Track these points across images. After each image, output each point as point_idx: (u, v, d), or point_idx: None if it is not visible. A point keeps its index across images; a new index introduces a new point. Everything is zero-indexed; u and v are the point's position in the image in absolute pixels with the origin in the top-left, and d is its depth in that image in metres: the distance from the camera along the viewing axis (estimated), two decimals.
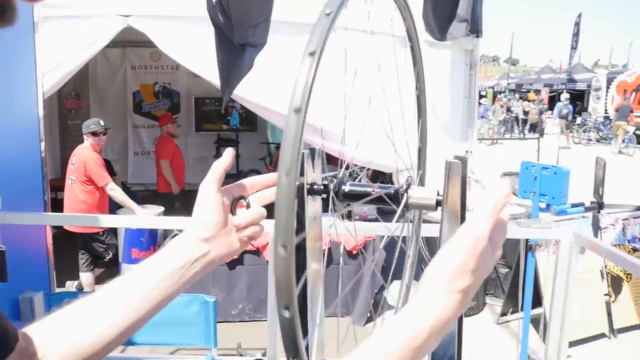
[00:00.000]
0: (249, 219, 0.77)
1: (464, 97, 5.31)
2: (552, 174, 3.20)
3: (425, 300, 0.54)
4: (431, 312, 0.53)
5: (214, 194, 0.74)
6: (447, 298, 0.53)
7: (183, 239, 0.73)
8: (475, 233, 0.54)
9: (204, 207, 0.74)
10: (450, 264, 0.54)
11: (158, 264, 0.72)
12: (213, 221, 0.73)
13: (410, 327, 0.52)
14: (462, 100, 5.31)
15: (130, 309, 0.69)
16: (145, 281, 0.70)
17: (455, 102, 5.28)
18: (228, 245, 0.76)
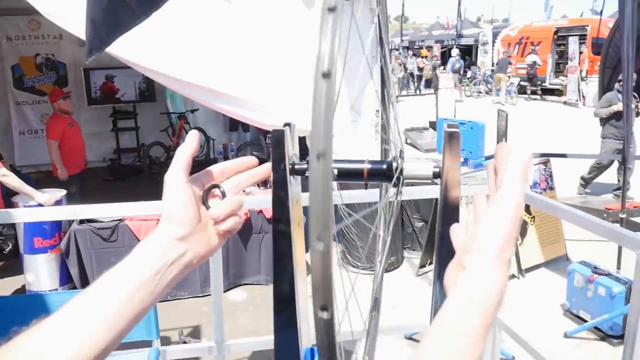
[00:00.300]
0: (228, 209, 0.68)
1: (371, 56, 5.30)
2: (469, 129, 3.29)
3: (485, 274, 0.51)
4: (494, 286, 0.51)
5: (184, 185, 0.64)
6: (502, 269, 0.51)
7: (155, 241, 0.62)
8: (515, 200, 0.52)
9: (174, 201, 0.63)
10: (500, 235, 0.52)
11: (128, 273, 0.60)
12: (187, 217, 0.63)
13: (480, 304, 0.50)
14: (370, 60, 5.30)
15: (98, 335, 0.56)
16: (115, 296, 0.58)
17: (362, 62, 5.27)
18: (206, 242, 0.66)
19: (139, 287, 0.59)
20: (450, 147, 0.77)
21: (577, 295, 4.08)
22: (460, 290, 0.51)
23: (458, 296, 0.51)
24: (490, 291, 0.51)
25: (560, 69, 20.75)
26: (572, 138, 11.61)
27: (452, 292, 0.53)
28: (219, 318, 1.90)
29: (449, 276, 0.57)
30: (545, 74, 20.58)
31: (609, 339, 3.82)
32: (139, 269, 0.60)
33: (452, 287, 0.54)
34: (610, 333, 3.83)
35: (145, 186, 7.62)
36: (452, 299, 0.52)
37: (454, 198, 0.80)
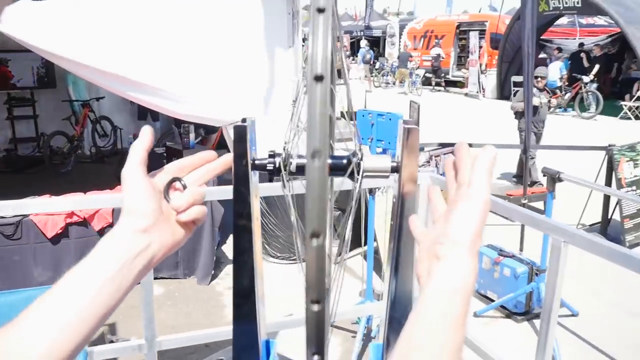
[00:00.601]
0: (189, 199, 0.67)
1: (288, 46, 5.30)
2: (387, 119, 3.38)
3: (462, 264, 0.55)
4: (470, 275, 0.55)
5: (142, 178, 0.63)
6: (474, 259, 0.55)
7: (118, 234, 0.61)
8: (484, 198, 0.57)
9: (134, 194, 0.62)
10: (471, 229, 0.56)
11: (93, 269, 0.58)
12: (148, 209, 0.62)
13: (461, 291, 0.54)
14: (286, 50, 5.30)
15: (65, 336, 0.54)
16: (80, 294, 0.56)
17: (279, 52, 5.26)
18: (171, 233, 0.65)
19: (104, 283, 0.57)
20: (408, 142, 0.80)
21: (484, 276, 4.33)
22: (441, 279, 0.55)
23: (440, 284, 0.54)
24: (468, 280, 0.54)
25: (462, 62, 21.79)
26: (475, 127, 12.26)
27: (430, 281, 0.56)
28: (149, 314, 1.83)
29: (422, 266, 0.60)
30: (448, 66, 21.52)
31: (514, 316, 4.10)
32: (104, 264, 0.58)
33: (428, 276, 0.57)
34: (515, 310, 4.11)
35: (46, 178, 7.18)
36: (434, 287, 0.55)
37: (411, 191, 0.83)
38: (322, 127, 0.47)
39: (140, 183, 0.63)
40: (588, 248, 1.67)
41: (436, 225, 0.64)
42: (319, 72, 0.46)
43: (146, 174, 0.64)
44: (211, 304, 4.25)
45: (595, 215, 5.70)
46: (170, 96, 4.38)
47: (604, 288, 4.51)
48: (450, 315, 0.52)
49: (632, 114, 13.81)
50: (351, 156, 0.81)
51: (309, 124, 0.47)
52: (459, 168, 0.62)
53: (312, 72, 0.46)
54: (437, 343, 0.51)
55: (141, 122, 8.91)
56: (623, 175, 5.62)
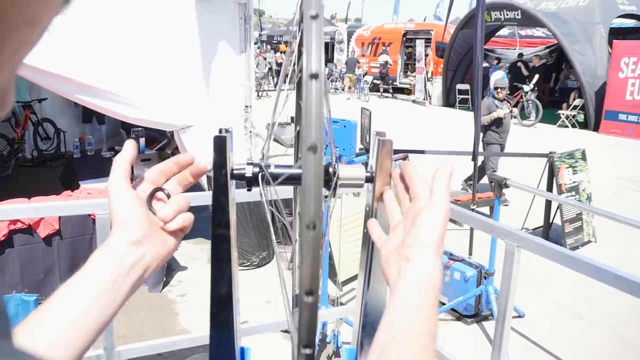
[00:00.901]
0: (175, 207, 0.68)
1: (240, 51, 5.28)
2: (342, 126, 3.42)
3: (431, 264, 0.60)
4: (438, 274, 0.61)
5: (127, 190, 0.64)
6: (440, 260, 0.62)
7: (110, 248, 0.61)
8: (447, 207, 0.63)
9: (122, 207, 0.63)
10: (437, 234, 0.62)
11: (86, 283, 0.58)
12: (138, 220, 0.63)
13: (432, 287, 0.59)
14: (238, 55, 5.28)
15: (60, 347, 0.54)
16: (75, 308, 0.56)
17: (232, 57, 5.23)
18: (163, 243, 0.66)
19: (99, 296, 0.58)
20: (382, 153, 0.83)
21: None
22: (413, 276, 0.60)
23: (412, 281, 0.60)
24: (437, 276, 0.60)
25: (409, 70, 22.24)
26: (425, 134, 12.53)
27: (402, 279, 0.61)
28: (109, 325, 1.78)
29: (391, 268, 0.65)
30: (396, 73, 21.91)
31: (464, 318, 4.22)
32: (98, 277, 0.59)
33: (398, 276, 0.62)
34: (465, 313, 4.23)
35: None
36: (407, 284, 0.60)
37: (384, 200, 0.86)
38: (318, 122, 0.50)
39: (127, 195, 0.63)
40: (539, 252, 1.75)
41: (396, 230, 0.69)
42: (314, 71, 0.50)
43: (130, 186, 0.65)
44: (163, 312, 4.17)
45: (537, 219, 5.94)
46: (121, 100, 4.28)
47: (548, 290, 4.70)
48: (424, 307, 0.57)
49: (569, 122, 14.46)
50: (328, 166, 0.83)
51: (305, 120, 0.50)
52: (411, 183, 0.70)
53: (307, 71, 0.50)
54: (415, 329, 0.56)
55: (86, 125, 8.64)
56: (563, 181, 5.88)
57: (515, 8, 15.72)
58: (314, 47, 0.51)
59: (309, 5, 0.52)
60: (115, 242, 0.62)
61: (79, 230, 4.21)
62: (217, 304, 0.91)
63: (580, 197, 6.06)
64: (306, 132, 0.50)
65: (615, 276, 1.52)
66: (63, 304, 0.56)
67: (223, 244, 0.90)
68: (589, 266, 1.54)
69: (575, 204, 5.63)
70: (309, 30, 0.52)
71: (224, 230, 0.89)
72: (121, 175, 0.65)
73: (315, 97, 0.50)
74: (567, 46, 13.99)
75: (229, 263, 0.91)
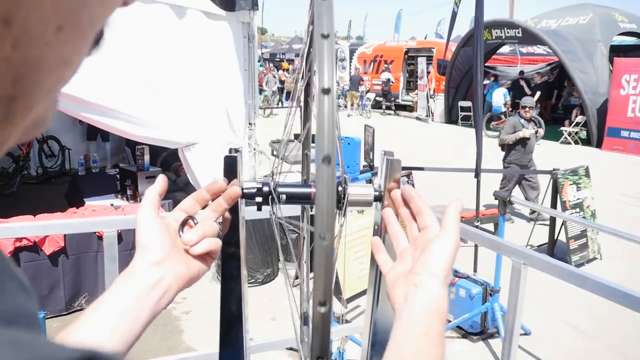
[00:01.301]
0: (200, 232, 0.71)
1: (243, 69, 5.33)
2: (346, 144, 3.44)
3: (439, 291, 0.63)
4: (445, 301, 0.63)
5: (153, 217, 0.69)
6: (446, 289, 0.64)
7: (132, 269, 0.65)
8: (456, 239, 0.67)
9: (145, 233, 0.67)
10: (446, 264, 0.64)
11: (110, 303, 0.62)
12: (158, 242, 0.67)
13: (439, 313, 0.61)
14: (242, 73, 5.32)
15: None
16: (100, 327, 0.59)
17: (235, 75, 5.28)
18: (185, 265, 0.69)
19: (122, 315, 0.61)
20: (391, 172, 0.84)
21: None
22: (421, 303, 0.62)
23: (420, 307, 0.62)
24: (443, 304, 0.62)
25: (411, 87, 22.34)
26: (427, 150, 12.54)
27: (409, 305, 0.63)
28: None
29: (397, 293, 0.67)
30: (398, 90, 22.02)
31: (470, 336, 4.20)
32: (120, 299, 0.62)
33: (404, 301, 0.64)
34: (471, 330, 4.21)
35: None
36: (416, 309, 0.62)
37: None
38: (331, 135, 0.52)
39: (151, 222, 0.68)
40: (546, 269, 1.75)
41: (404, 257, 0.71)
42: (326, 86, 0.52)
43: (157, 214, 0.70)
44: (168, 329, 4.15)
45: (542, 236, 5.93)
46: (126, 117, 4.32)
47: (553, 307, 4.68)
48: (432, 333, 0.59)
49: (571, 139, 14.49)
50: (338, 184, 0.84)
51: (319, 132, 0.52)
52: (420, 212, 0.72)
53: (321, 86, 0.52)
54: (426, 356, 0.58)
55: (90, 142, 8.69)
56: (567, 198, 5.88)
57: (516, 26, 15.84)
58: (326, 64, 0.53)
59: (323, 24, 0.54)
60: (137, 263, 0.65)
61: (84, 247, 4.22)
62: (227, 323, 0.92)
63: (584, 214, 6.05)
64: (319, 145, 0.52)
65: (622, 294, 1.52)
66: (88, 325, 0.59)
67: (233, 262, 0.91)
68: (596, 284, 1.54)
69: (580, 220, 5.62)
70: (320, 49, 0.54)
71: (234, 249, 0.90)
72: (149, 205, 0.69)
73: (327, 111, 0.53)
74: (569, 64, 14.06)
75: (239, 281, 0.92)
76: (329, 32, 0.55)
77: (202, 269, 0.71)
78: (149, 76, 4.39)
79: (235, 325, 0.92)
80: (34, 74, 0.26)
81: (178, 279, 0.67)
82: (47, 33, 0.26)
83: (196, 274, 0.70)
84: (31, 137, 0.31)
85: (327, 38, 0.55)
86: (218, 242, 0.73)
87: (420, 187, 6.65)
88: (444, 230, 0.67)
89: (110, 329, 0.59)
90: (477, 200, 4.78)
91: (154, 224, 0.68)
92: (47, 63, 0.27)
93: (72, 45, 0.28)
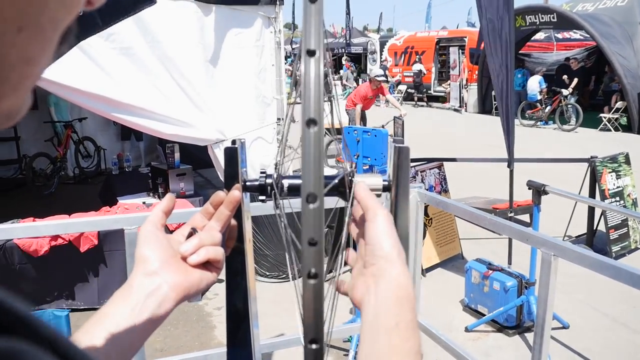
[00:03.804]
0: (196, 241, 0.70)
1: (271, 65, 5.32)
2: (373, 136, 3.39)
3: (399, 276, 0.59)
4: (408, 284, 0.59)
5: (153, 232, 0.70)
6: (405, 268, 0.60)
7: (130, 281, 0.66)
8: (383, 213, 0.64)
9: (144, 246, 0.68)
10: (390, 241, 0.61)
11: (108, 315, 0.63)
12: (156, 255, 0.67)
13: (407, 300, 0.57)
14: (269, 68, 5.32)
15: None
16: (98, 337, 0.60)
17: (263, 71, 5.27)
18: (182, 274, 0.68)
19: (117, 326, 0.61)
20: (399, 161, 0.80)
21: (474, 290, 4.33)
22: (384, 294, 0.58)
23: (385, 299, 0.58)
24: (409, 288, 0.59)
25: (443, 77, 22.02)
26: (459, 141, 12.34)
27: (373, 297, 0.59)
28: None
29: (359, 289, 0.63)
30: (430, 81, 21.74)
31: (505, 330, 4.10)
32: (116, 309, 0.63)
33: (368, 295, 0.60)
34: (506, 324, 4.11)
35: (29, 200, 7.08)
36: (381, 302, 0.58)
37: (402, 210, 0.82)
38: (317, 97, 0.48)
39: (151, 237, 0.69)
40: (577, 261, 1.67)
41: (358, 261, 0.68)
42: (312, 47, 0.48)
43: (159, 229, 0.70)
44: (200, 325, 4.19)
45: (581, 226, 5.75)
46: (155, 116, 4.36)
47: (592, 299, 4.53)
48: (402, 325, 0.55)
49: (611, 125, 14.04)
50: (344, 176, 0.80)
51: (304, 94, 0.48)
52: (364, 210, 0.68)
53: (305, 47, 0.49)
54: (397, 352, 0.54)
55: (125, 142, 8.85)
56: (606, 187, 5.69)
57: (551, 11, 15.40)
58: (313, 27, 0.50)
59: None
60: (134, 274, 0.66)
61: (116, 245, 4.29)
62: (234, 320, 0.89)
63: (625, 203, 5.84)
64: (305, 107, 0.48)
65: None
66: (86, 334, 0.60)
67: (237, 257, 0.88)
68: (630, 274, 1.47)
69: (620, 209, 5.43)
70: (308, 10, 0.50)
71: (237, 243, 0.87)
72: (151, 221, 0.70)
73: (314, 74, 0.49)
74: (607, 48, 13.61)
75: (244, 276, 0.89)
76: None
77: (204, 279, 0.71)
78: (176, 74, 4.43)
79: (243, 323, 0.90)
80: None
81: (175, 288, 0.66)
82: (7, 33, 0.28)
83: (196, 284, 0.70)
84: (3, 127, 0.32)
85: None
86: (218, 251, 0.72)
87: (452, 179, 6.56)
88: (369, 212, 0.64)
89: (105, 341, 0.59)
90: (511, 190, 4.67)
91: (154, 238, 0.68)
92: (9, 61, 0.29)
93: (33, 45, 0.30)
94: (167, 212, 0.73)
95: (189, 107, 4.53)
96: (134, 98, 4.16)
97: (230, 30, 4.92)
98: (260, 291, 4.63)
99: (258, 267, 4.96)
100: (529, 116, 15.50)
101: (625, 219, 5.62)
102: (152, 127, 4.43)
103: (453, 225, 5.50)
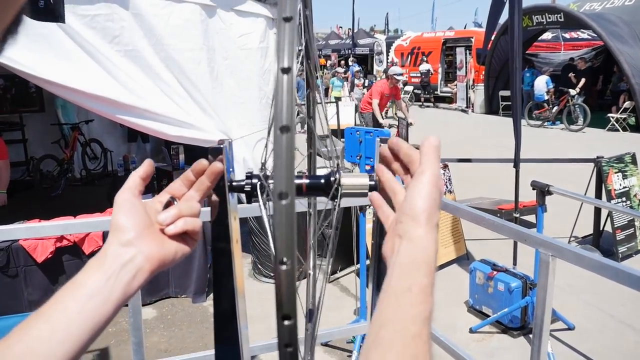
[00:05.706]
0: (175, 212, 0.69)
1: None
2: (375, 137, 3.37)
3: (421, 239, 0.57)
4: (431, 248, 0.57)
5: (129, 199, 0.67)
6: (433, 232, 0.58)
7: (103, 249, 0.64)
8: (434, 171, 0.60)
9: (119, 213, 0.66)
10: (425, 203, 0.58)
11: (79, 283, 0.60)
12: (130, 223, 0.65)
13: (424, 264, 0.56)
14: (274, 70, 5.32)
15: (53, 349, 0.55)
16: (68, 308, 0.58)
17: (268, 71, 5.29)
18: (159, 245, 0.66)
19: (90, 296, 0.59)
20: None
21: (479, 291, 4.32)
22: (403, 255, 0.57)
23: (403, 260, 0.57)
24: (429, 252, 0.57)
25: (450, 78, 21.96)
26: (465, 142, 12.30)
27: (394, 258, 0.58)
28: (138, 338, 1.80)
29: (387, 247, 0.62)
30: (436, 82, 21.68)
31: (510, 331, 4.08)
32: (90, 278, 0.61)
33: (392, 254, 0.59)
34: (511, 325, 4.09)
35: (36, 202, 7.12)
36: (398, 263, 0.57)
37: None
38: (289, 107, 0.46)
39: (127, 204, 0.67)
40: (575, 261, 1.66)
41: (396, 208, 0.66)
42: (286, 65, 0.47)
43: (136, 196, 0.68)
44: (205, 326, 4.20)
45: (587, 227, 5.72)
46: (159, 118, 4.38)
47: (599, 300, 4.50)
48: (415, 289, 0.54)
49: (619, 125, 13.94)
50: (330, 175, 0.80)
51: (276, 105, 0.47)
52: (411, 161, 0.65)
53: (280, 65, 0.47)
54: (404, 317, 0.52)
55: (131, 144, 8.90)
56: (613, 187, 5.65)
57: (558, 11, 15.33)
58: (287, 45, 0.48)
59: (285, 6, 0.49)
60: (108, 244, 0.64)
61: None
62: (221, 320, 0.90)
63: (631, 203, 5.80)
64: (276, 110, 0.47)
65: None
66: (58, 302, 0.58)
67: (224, 258, 0.88)
68: (627, 275, 1.45)
69: (626, 210, 5.39)
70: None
71: (224, 244, 0.88)
72: (128, 187, 0.68)
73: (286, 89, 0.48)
74: (614, 47, 13.52)
75: (231, 277, 0.89)
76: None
77: (180, 250, 0.69)
78: (181, 76, 4.44)
79: (230, 323, 0.90)
80: None
81: (150, 259, 0.64)
82: None
83: (171, 255, 0.67)
84: None
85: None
86: (196, 222, 0.70)
87: (459, 180, 6.54)
88: (420, 167, 0.61)
89: (77, 311, 0.57)
90: (516, 191, 4.64)
91: (130, 206, 0.66)
92: None
93: None
94: (145, 179, 0.70)
95: (193, 109, 4.54)
96: (139, 100, 4.17)
97: (234, 32, 4.93)
98: (266, 292, 4.63)
99: (262, 268, 4.96)
100: (536, 116, 15.42)
101: (632, 219, 5.58)
102: (157, 129, 4.45)
103: (458, 226, 5.48)
